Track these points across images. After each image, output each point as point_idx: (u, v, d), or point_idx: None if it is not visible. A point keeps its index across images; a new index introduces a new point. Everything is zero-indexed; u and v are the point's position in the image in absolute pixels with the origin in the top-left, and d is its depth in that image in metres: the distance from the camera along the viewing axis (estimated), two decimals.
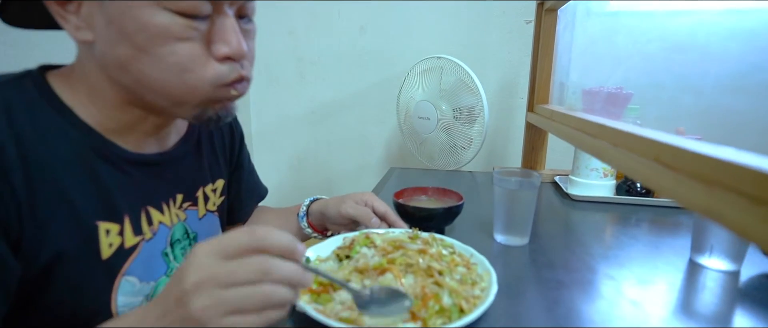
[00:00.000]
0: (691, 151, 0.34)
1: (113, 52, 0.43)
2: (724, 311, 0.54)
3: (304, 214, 0.73)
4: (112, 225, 0.48)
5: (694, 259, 0.64)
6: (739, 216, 0.28)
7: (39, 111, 0.44)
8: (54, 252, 0.43)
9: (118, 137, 0.49)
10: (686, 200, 0.34)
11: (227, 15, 0.44)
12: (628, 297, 0.55)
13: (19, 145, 0.41)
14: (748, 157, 0.29)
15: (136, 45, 0.41)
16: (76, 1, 0.42)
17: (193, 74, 0.44)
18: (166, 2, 0.40)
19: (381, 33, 1.53)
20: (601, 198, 0.95)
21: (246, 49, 0.46)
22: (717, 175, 0.31)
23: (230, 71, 0.46)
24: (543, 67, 1.08)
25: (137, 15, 0.40)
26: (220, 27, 0.44)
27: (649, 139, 0.42)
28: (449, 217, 0.74)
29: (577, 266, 0.63)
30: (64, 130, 0.45)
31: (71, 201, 0.44)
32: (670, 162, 0.38)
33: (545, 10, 1.03)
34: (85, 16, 0.43)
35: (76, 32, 0.43)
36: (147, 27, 0.41)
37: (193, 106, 0.47)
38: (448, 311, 0.45)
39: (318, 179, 1.71)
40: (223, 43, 0.44)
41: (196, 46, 0.43)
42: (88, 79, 0.47)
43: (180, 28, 0.41)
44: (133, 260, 0.50)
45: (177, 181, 0.58)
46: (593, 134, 0.59)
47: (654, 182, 0.40)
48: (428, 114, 1.24)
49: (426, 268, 0.50)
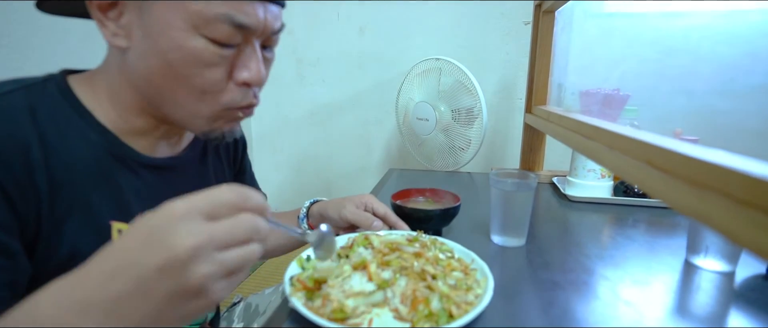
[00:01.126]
0: (680, 153, 0.35)
1: (143, 63, 0.45)
2: (718, 312, 0.54)
3: (304, 215, 0.74)
4: (123, 225, 0.49)
5: (689, 259, 0.65)
6: (727, 218, 0.28)
7: (61, 113, 0.46)
8: (69, 250, 0.44)
9: (132, 140, 0.51)
10: (676, 202, 0.34)
11: (254, 45, 0.48)
12: (623, 298, 0.55)
13: (43, 145, 0.43)
14: (736, 160, 0.29)
15: (167, 62, 0.44)
16: (117, 9, 0.44)
17: (210, 96, 0.47)
18: (204, 30, 0.43)
19: (380, 34, 1.53)
20: (599, 199, 0.95)
21: (264, 77, 0.50)
22: (705, 178, 0.31)
23: (243, 97, 0.49)
24: (541, 68, 1.08)
25: (175, 36, 0.43)
26: (246, 55, 0.48)
27: (641, 141, 0.42)
28: (446, 218, 0.75)
29: (573, 267, 0.64)
30: (84, 132, 0.47)
31: (88, 201, 0.46)
32: (661, 164, 0.38)
33: (543, 12, 1.04)
34: (124, 25, 0.45)
35: (112, 38, 0.45)
36: (181, 49, 0.43)
37: (202, 124, 0.50)
38: (436, 315, 0.45)
39: (318, 179, 1.72)
40: (246, 70, 0.48)
41: (220, 71, 0.47)
42: (111, 83, 0.49)
43: (211, 55, 0.45)
44: None
45: (185, 184, 0.59)
46: (588, 136, 0.59)
47: (645, 184, 0.40)
48: (427, 115, 1.24)
49: (420, 271, 0.51)
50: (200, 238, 0.30)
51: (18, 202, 0.40)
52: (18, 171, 0.40)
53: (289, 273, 0.53)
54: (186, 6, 0.42)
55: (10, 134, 0.41)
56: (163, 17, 0.42)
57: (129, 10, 0.44)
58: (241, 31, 0.45)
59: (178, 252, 0.30)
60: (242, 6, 0.44)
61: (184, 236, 0.30)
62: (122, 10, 0.44)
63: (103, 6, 0.44)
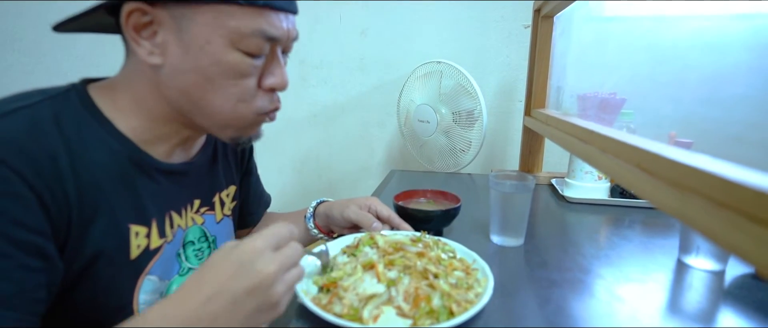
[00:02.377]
0: (667, 158, 0.37)
1: (181, 78, 0.48)
2: (709, 310, 0.56)
3: (311, 215, 0.76)
4: (141, 228, 0.52)
5: (681, 259, 0.67)
6: (707, 220, 0.30)
7: (83, 122, 0.48)
8: (93, 253, 0.47)
9: (150, 147, 0.54)
10: (662, 204, 0.36)
11: (277, 53, 0.53)
12: (616, 296, 0.58)
13: (70, 153, 0.45)
14: (716, 165, 0.32)
15: (206, 76, 0.48)
16: (151, 29, 0.47)
17: (245, 104, 0.51)
18: (240, 44, 0.47)
19: (382, 37, 1.55)
20: (596, 200, 0.98)
21: (287, 82, 0.54)
22: (689, 181, 0.33)
23: (270, 103, 0.54)
24: (539, 72, 1.11)
25: (214, 51, 0.47)
26: (271, 63, 0.53)
27: (632, 146, 0.45)
28: (447, 218, 0.77)
29: (569, 266, 0.66)
30: (105, 140, 0.49)
31: (110, 205, 0.48)
32: (650, 168, 0.40)
33: (542, 17, 1.06)
34: (159, 44, 0.47)
35: (147, 56, 0.48)
36: (220, 63, 0.47)
37: (234, 130, 0.54)
38: (436, 312, 0.47)
39: (320, 180, 1.74)
40: (272, 76, 0.53)
41: (253, 80, 0.51)
42: (135, 93, 0.51)
43: (246, 67, 0.49)
44: (156, 261, 0.54)
45: (196, 187, 0.62)
46: (584, 140, 0.61)
47: (636, 186, 0.42)
48: (428, 117, 1.27)
49: (422, 270, 0.53)
50: (276, 265, 0.41)
51: (51, 207, 0.42)
52: (49, 178, 0.42)
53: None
54: (224, 23, 0.46)
55: (40, 144, 0.43)
56: (202, 35, 0.46)
57: (164, 30, 0.47)
58: (270, 42, 0.50)
59: (263, 277, 0.40)
60: (273, 20, 0.48)
61: (267, 264, 0.41)
62: (157, 29, 0.47)
63: (138, 26, 0.46)
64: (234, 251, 0.41)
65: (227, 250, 0.42)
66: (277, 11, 0.49)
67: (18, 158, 0.40)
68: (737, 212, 0.27)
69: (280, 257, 0.42)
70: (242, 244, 0.42)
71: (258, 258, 0.40)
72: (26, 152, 0.41)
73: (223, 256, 0.41)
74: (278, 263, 0.41)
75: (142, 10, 0.45)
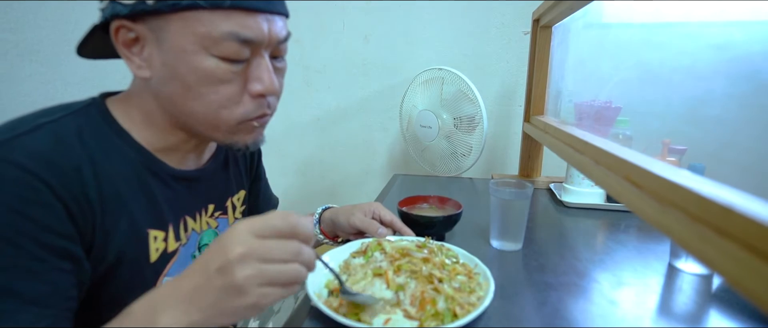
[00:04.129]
0: (650, 172, 0.40)
1: (166, 88, 0.50)
2: (696, 312, 0.59)
3: (317, 221, 0.80)
4: (159, 232, 0.55)
5: (672, 263, 0.70)
6: (682, 231, 0.34)
7: (103, 135, 0.51)
8: (115, 256, 0.50)
9: (164, 156, 0.57)
10: (645, 214, 0.40)
11: (263, 57, 0.52)
12: (610, 299, 0.61)
13: (92, 165, 0.48)
14: (693, 181, 0.35)
15: (185, 84, 0.49)
16: (139, 44, 0.49)
17: (227, 110, 0.52)
18: (214, 50, 0.47)
19: (384, 43, 1.59)
20: (592, 205, 1.01)
21: (277, 87, 0.54)
22: (669, 194, 0.37)
23: (256, 109, 0.54)
24: (538, 80, 1.14)
25: (189, 60, 0.48)
26: (256, 67, 0.51)
27: (622, 159, 0.48)
28: (449, 224, 0.80)
29: (564, 270, 0.69)
30: (122, 150, 0.52)
31: (130, 211, 0.52)
32: (637, 180, 0.44)
33: (540, 27, 1.09)
34: (146, 57, 0.50)
35: (137, 70, 0.50)
36: (197, 70, 0.48)
37: (223, 135, 0.55)
38: (441, 315, 0.51)
39: (324, 183, 1.77)
40: (258, 82, 0.52)
41: (234, 86, 0.51)
42: (144, 107, 0.54)
43: (223, 73, 0.49)
44: (173, 263, 0.58)
45: (209, 193, 0.65)
46: (579, 150, 0.65)
47: (623, 196, 0.46)
48: (430, 123, 1.30)
49: (427, 275, 0.56)
50: (245, 248, 0.39)
51: (77, 215, 0.46)
52: (75, 188, 0.46)
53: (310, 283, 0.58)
54: (194, 30, 0.47)
55: (65, 157, 0.46)
56: (177, 44, 0.47)
57: (149, 44, 0.49)
58: (248, 45, 0.49)
59: (229, 255, 0.39)
60: (246, 21, 0.47)
61: (235, 244, 0.39)
62: (144, 44, 0.49)
63: (128, 42, 0.49)
64: (225, 232, 0.42)
65: (211, 247, 0.42)
66: (249, 12, 0.48)
67: (47, 171, 0.43)
68: (707, 226, 0.31)
69: (255, 243, 0.39)
70: (232, 226, 0.42)
71: (232, 238, 0.40)
72: (54, 165, 0.44)
73: (217, 237, 0.43)
74: (248, 246, 0.39)
75: (127, 27, 0.48)
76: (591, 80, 1.07)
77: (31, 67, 0.95)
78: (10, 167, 0.42)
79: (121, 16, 0.47)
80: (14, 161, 0.42)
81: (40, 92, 0.93)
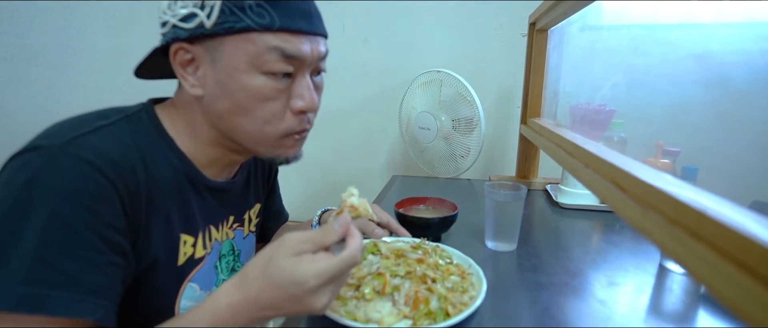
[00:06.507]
0: (634, 176, 0.42)
1: (216, 105, 0.53)
2: (685, 312, 0.61)
3: (316, 223, 0.81)
4: (188, 237, 0.58)
5: (662, 263, 0.71)
6: (660, 234, 0.35)
7: (152, 140, 0.54)
8: (152, 258, 0.52)
9: (203, 167, 0.59)
10: (628, 216, 0.41)
11: (304, 76, 0.55)
12: (598, 298, 0.62)
13: (144, 167, 0.51)
14: (671, 185, 0.36)
15: (235, 100, 0.52)
16: (194, 64, 0.53)
17: (271, 126, 0.55)
18: (262, 67, 0.51)
19: (384, 45, 1.60)
20: (588, 206, 1.02)
21: (317, 104, 0.57)
22: (649, 198, 0.38)
23: (297, 124, 0.57)
24: (535, 83, 1.15)
25: (240, 77, 0.51)
26: (298, 85, 0.55)
27: (609, 163, 0.49)
28: (445, 225, 0.82)
29: (557, 270, 0.71)
30: (168, 156, 0.55)
31: (168, 215, 0.54)
32: (623, 185, 0.45)
33: (536, 31, 1.11)
34: (200, 76, 0.53)
35: (191, 88, 0.53)
36: (246, 87, 0.52)
37: (267, 149, 0.58)
38: (434, 314, 0.53)
39: (324, 184, 1.79)
40: (300, 99, 0.55)
41: (278, 103, 0.54)
42: (190, 119, 0.57)
43: (269, 90, 0.53)
44: (198, 270, 0.60)
45: (233, 205, 0.68)
46: (570, 153, 0.66)
47: (609, 199, 0.47)
48: (428, 125, 1.32)
49: (421, 275, 0.58)
50: (327, 299, 0.45)
51: (130, 213, 0.48)
52: (131, 187, 0.48)
53: None
54: (246, 50, 0.50)
55: (125, 157, 0.49)
56: (229, 63, 0.51)
57: (203, 64, 0.52)
58: (292, 62, 0.52)
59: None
60: (291, 40, 0.52)
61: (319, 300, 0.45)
62: (198, 64, 0.53)
63: (184, 63, 0.53)
64: (293, 283, 0.43)
65: (286, 276, 0.44)
66: (295, 33, 0.52)
67: (111, 169, 0.46)
68: (683, 229, 0.32)
69: (333, 292, 0.45)
70: (299, 277, 0.43)
71: (312, 298, 0.44)
72: (116, 164, 0.47)
73: (280, 283, 0.44)
74: (329, 297, 0.45)
75: (185, 49, 0.52)
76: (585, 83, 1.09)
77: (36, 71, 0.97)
78: (80, 163, 0.44)
79: (181, 40, 0.51)
80: (84, 157, 0.45)
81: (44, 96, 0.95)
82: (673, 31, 0.97)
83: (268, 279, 0.44)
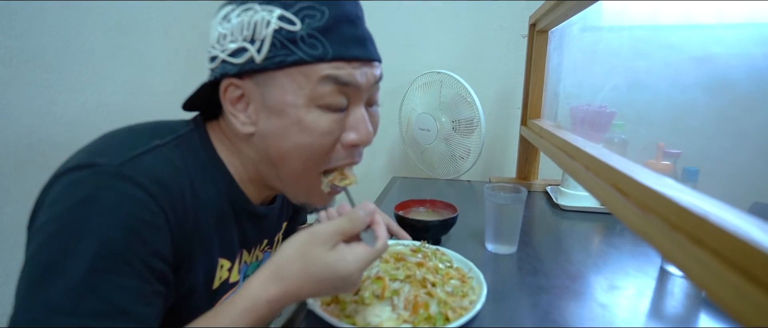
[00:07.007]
0: (635, 180, 0.41)
1: (267, 141, 0.51)
2: (686, 315, 0.60)
3: None
4: (226, 261, 0.56)
5: (663, 266, 0.71)
6: (661, 239, 0.35)
7: (202, 163, 0.52)
8: (191, 284, 0.51)
9: (248, 192, 0.58)
10: (628, 220, 0.41)
11: (359, 107, 0.52)
12: (599, 301, 0.62)
13: (193, 192, 0.49)
14: (674, 191, 0.36)
15: (286, 136, 0.50)
16: (244, 100, 0.51)
17: (314, 162, 0.53)
18: (317, 101, 0.49)
19: (384, 46, 1.58)
20: (588, 208, 1.02)
21: (372, 136, 0.54)
22: (651, 202, 0.38)
23: (346, 157, 0.54)
24: (535, 85, 1.15)
25: (294, 112, 0.49)
26: (353, 117, 0.52)
27: (610, 167, 0.49)
28: (444, 228, 0.82)
29: (557, 273, 0.70)
30: (216, 181, 0.53)
31: (209, 239, 0.52)
32: (623, 188, 0.45)
33: (537, 32, 1.10)
34: (250, 114, 0.51)
35: (241, 126, 0.51)
36: (300, 122, 0.49)
37: (303, 195, 0.57)
38: (433, 318, 0.52)
39: None
40: (355, 132, 0.52)
41: (331, 138, 0.51)
42: (237, 147, 0.55)
43: (325, 123, 0.50)
44: (230, 294, 0.58)
45: (268, 229, 0.66)
46: (571, 156, 0.66)
47: (609, 203, 0.47)
48: (428, 126, 1.31)
49: (421, 279, 0.57)
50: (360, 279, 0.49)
51: (176, 241, 0.46)
52: (179, 214, 0.46)
53: None
54: (299, 83, 0.48)
55: (176, 182, 0.47)
56: (282, 98, 0.48)
57: (254, 100, 0.50)
58: (346, 90, 0.50)
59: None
60: (344, 67, 0.49)
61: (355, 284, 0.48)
62: (248, 101, 0.50)
63: (234, 100, 0.51)
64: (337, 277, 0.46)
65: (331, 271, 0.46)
66: (349, 61, 0.49)
67: (163, 194, 0.44)
68: (684, 234, 0.32)
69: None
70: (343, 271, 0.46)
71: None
72: (168, 189, 0.45)
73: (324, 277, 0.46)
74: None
75: (235, 85, 0.50)
76: (586, 85, 1.08)
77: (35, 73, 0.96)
78: (134, 187, 0.42)
79: (231, 75, 0.49)
80: (138, 182, 0.43)
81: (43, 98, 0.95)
82: (674, 33, 0.97)
83: (308, 274, 0.46)
